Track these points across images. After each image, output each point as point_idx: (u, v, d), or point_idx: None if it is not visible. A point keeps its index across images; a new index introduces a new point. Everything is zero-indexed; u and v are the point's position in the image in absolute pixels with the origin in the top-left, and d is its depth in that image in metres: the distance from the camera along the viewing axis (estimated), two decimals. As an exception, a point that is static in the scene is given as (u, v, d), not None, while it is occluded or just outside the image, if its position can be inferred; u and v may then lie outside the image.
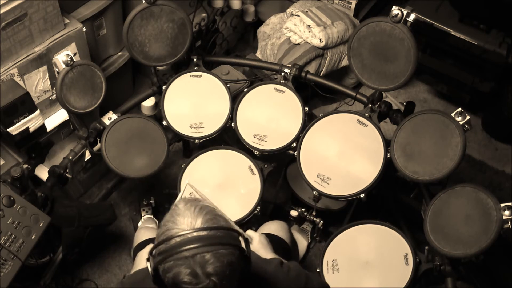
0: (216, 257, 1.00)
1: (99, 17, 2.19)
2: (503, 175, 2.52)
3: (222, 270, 1.01)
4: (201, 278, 1.00)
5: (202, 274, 1.00)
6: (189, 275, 1.00)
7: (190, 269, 0.99)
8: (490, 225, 1.50)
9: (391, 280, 1.68)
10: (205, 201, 1.11)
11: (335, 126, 1.90)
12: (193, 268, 0.99)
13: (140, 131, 1.94)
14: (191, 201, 1.09)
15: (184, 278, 1.00)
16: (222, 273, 1.01)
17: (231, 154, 1.97)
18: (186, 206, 1.07)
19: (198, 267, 0.99)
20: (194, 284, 1.00)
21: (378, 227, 1.76)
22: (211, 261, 1.00)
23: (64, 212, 1.86)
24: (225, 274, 1.01)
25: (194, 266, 0.99)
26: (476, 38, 2.34)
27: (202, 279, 1.00)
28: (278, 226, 1.87)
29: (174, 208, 1.08)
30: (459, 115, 1.62)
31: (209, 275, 1.00)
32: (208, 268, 1.00)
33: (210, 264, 1.00)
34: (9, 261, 1.53)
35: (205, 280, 1.00)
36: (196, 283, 1.00)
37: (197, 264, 0.99)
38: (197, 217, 1.04)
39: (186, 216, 1.04)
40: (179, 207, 1.07)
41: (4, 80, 1.80)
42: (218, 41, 2.74)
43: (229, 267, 1.02)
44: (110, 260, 2.21)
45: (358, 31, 1.77)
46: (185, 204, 1.07)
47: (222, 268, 1.01)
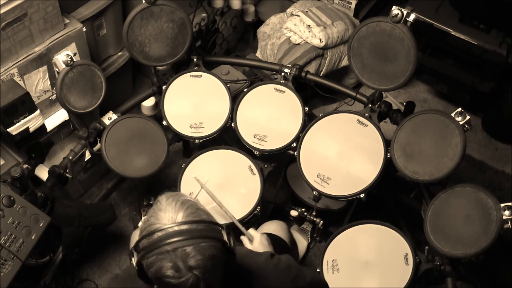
0: (197, 250, 1.01)
1: (99, 17, 2.19)
2: (503, 175, 2.52)
3: (204, 263, 1.02)
4: (183, 271, 1.01)
5: (184, 267, 1.00)
6: (171, 268, 1.01)
7: (172, 263, 1.00)
8: (490, 225, 1.50)
9: (391, 280, 1.68)
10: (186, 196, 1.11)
11: (335, 126, 1.90)
12: (175, 262, 1.00)
13: (140, 131, 1.94)
14: (173, 196, 1.10)
15: (166, 272, 1.01)
16: (204, 266, 1.02)
17: (231, 154, 1.97)
18: (168, 201, 1.08)
19: (180, 261, 1.00)
20: (177, 277, 1.01)
21: (378, 227, 1.76)
22: (192, 255, 1.01)
23: (64, 212, 1.86)
24: (207, 267, 1.02)
25: (176, 260, 1.00)
26: (476, 38, 2.33)
27: (184, 272, 1.01)
28: (278, 226, 1.87)
29: (156, 203, 1.10)
30: (459, 115, 1.62)
31: (191, 269, 1.01)
32: (189, 261, 1.01)
33: (192, 258, 1.01)
34: (9, 261, 1.53)
35: (187, 274, 1.01)
36: (179, 277, 1.01)
37: (178, 258, 1.00)
38: (178, 211, 1.06)
39: (167, 211, 1.06)
40: (161, 202, 1.08)
41: (4, 80, 1.80)
42: (218, 41, 2.74)
43: (211, 260, 1.03)
44: (110, 260, 2.21)
45: (358, 31, 1.77)
46: (167, 199, 1.09)
47: (204, 261, 1.02)
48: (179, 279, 1.01)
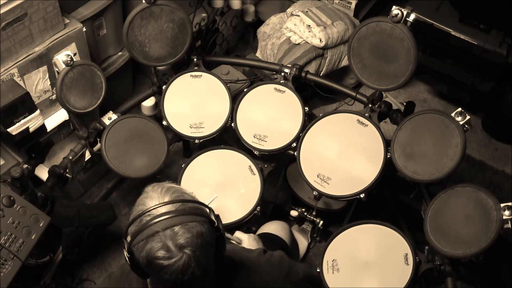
0: (186, 229, 1.01)
1: (99, 17, 2.19)
2: (503, 175, 2.52)
3: (193, 241, 1.01)
4: (174, 251, 1.00)
5: (174, 247, 1.00)
6: (161, 249, 1.00)
7: (162, 243, 1.00)
8: (490, 225, 1.50)
9: (391, 280, 1.68)
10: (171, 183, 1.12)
11: (335, 126, 1.90)
12: (164, 242, 1.00)
13: (140, 131, 1.94)
14: (158, 184, 1.11)
15: (156, 253, 1.00)
16: (194, 244, 1.01)
17: (231, 154, 1.97)
18: (153, 189, 1.09)
19: (169, 240, 1.00)
20: (167, 258, 1.00)
21: (378, 227, 1.76)
22: (180, 233, 1.01)
23: (64, 212, 1.86)
24: (197, 245, 1.02)
25: (165, 240, 1.00)
26: (476, 38, 2.34)
27: (175, 252, 1.00)
28: (278, 226, 1.87)
29: (143, 193, 1.10)
30: (459, 115, 1.62)
31: (181, 247, 1.00)
32: (179, 239, 1.00)
33: (181, 236, 1.00)
34: (9, 261, 1.53)
35: (178, 253, 1.00)
36: (169, 257, 1.00)
37: (168, 237, 1.00)
38: (164, 196, 1.06)
39: (153, 198, 1.06)
40: (147, 191, 1.09)
41: (4, 80, 1.80)
42: (218, 41, 2.74)
43: (201, 238, 1.03)
44: (110, 260, 2.21)
45: (358, 31, 1.77)
46: (152, 188, 1.09)
47: (193, 239, 1.01)
48: (170, 260, 1.00)
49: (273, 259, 1.30)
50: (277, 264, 1.29)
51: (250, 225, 1.99)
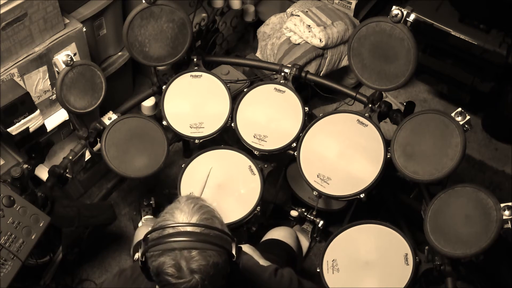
0: (203, 256, 1.02)
1: (99, 17, 2.19)
2: (503, 175, 2.52)
3: (206, 269, 1.02)
4: (184, 272, 1.01)
5: (186, 268, 1.01)
6: (173, 267, 1.01)
7: (175, 262, 1.01)
8: (490, 225, 1.50)
9: (391, 280, 1.68)
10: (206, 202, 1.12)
11: (335, 126, 1.90)
12: (178, 261, 1.01)
13: (140, 131, 1.94)
14: (193, 198, 1.11)
15: (167, 269, 1.01)
16: (206, 272, 1.02)
17: (231, 154, 1.97)
18: (187, 202, 1.09)
19: (183, 261, 1.01)
20: (176, 277, 1.01)
21: (378, 227, 1.76)
22: (196, 258, 1.01)
23: (64, 212, 1.86)
24: (208, 274, 1.02)
25: (179, 260, 1.01)
26: (476, 38, 2.34)
27: (185, 274, 1.01)
28: (287, 233, 1.87)
29: (176, 201, 1.11)
30: (459, 115, 1.62)
31: (192, 272, 1.01)
32: (192, 264, 1.01)
33: (195, 261, 1.01)
34: (9, 261, 1.53)
35: (187, 276, 1.01)
36: (178, 277, 1.01)
37: (182, 258, 1.01)
38: (194, 214, 1.06)
39: (184, 211, 1.06)
40: (180, 201, 1.09)
41: (4, 80, 1.80)
42: (218, 41, 2.74)
43: (214, 268, 1.03)
44: (110, 260, 2.21)
45: (358, 31, 1.77)
46: (186, 200, 1.10)
47: (206, 267, 1.02)
48: (178, 280, 1.01)
49: (284, 281, 1.31)
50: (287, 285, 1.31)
51: (250, 225, 1.99)
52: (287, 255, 1.77)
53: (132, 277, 1.25)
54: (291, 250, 1.81)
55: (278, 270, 1.32)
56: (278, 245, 1.81)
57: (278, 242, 1.82)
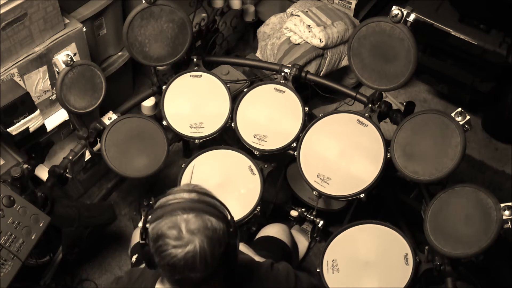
0: (201, 218, 1.04)
1: (99, 17, 2.19)
2: (503, 175, 2.52)
3: (205, 231, 1.03)
4: (184, 234, 1.02)
5: (185, 230, 1.02)
6: (172, 229, 1.02)
7: (174, 224, 1.02)
8: (490, 225, 1.50)
9: (391, 280, 1.68)
10: None
11: (335, 126, 1.90)
12: (177, 223, 1.02)
13: (140, 131, 1.94)
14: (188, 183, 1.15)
15: (167, 232, 1.02)
16: (204, 234, 1.03)
17: (231, 154, 1.97)
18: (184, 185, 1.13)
19: (182, 223, 1.02)
20: (176, 238, 1.02)
21: (378, 227, 1.76)
22: (194, 220, 1.03)
23: (64, 212, 1.86)
24: (207, 236, 1.03)
25: (179, 222, 1.02)
26: (476, 38, 2.34)
27: (184, 235, 1.02)
28: (280, 229, 1.87)
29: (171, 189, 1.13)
30: (459, 115, 1.62)
31: (192, 233, 1.02)
32: (191, 225, 1.02)
33: (194, 223, 1.03)
34: (9, 261, 1.53)
35: (187, 237, 1.02)
36: (177, 238, 1.02)
37: (182, 220, 1.03)
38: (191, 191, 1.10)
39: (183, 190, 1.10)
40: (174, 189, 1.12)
41: (4, 80, 1.80)
42: (218, 41, 2.74)
43: (212, 232, 1.04)
44: (110, 260, 2.21)
45: (358, 31, 1.77)
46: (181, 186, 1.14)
47: (205, 230, 1.03)
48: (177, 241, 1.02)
49: (280, 274, 1.31)
50: (284, 279, 1.31)
51: (250, 225, 1.99)
52: (281, 251, 1.77)
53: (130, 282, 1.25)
54: (285, 246, 1.81)
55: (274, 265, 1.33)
56: (272, 241, 1.81)
57: (272, 239, 1.82)
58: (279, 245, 1.80)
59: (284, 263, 1.36)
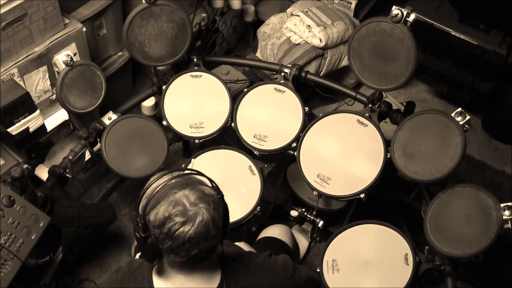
0: (196, 190, 1.07)
1: (99, 17, 2.19)
2: (503, 175, 2.52)
3: (205, 199, 1.07)
4: (188, 207, 1.04)
5: (188, 203, 1.04)
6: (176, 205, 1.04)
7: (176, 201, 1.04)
8: (490, 225, 1.50)
9: (391, 280, 1.68)
10: None
11: (335, 126, 1.90)
12: (178, 200, 1.05)
13: (140, 131, 1.94)
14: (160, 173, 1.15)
15: (172, 211, 1.04)
16: (206, 200, 1.06)
17: (231, 154, 1.97)
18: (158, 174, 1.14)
19: (183, 198, 1.05)
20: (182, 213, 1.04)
21: (378, 227, 1.76)
22: (192, 193, 1.06)
23: (64, 212, 1.86)
24: (209, 202, 1.07)
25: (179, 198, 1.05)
26: (476, 38, 2.34)
27: (189, 208, 1.04)
28: (282, 230, 1.87)
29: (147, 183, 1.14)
30: (459, 115, 1.62)
31: (195, 203, 1.05)
32: (191, 197, 1.05)
33: (192, 195, 1.06)
34: (9, 261, 1.52)
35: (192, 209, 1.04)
36: (184, 212, 1.04)
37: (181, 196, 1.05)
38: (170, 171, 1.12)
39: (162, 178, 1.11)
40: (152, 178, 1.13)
41: (4, 80, 1.80)
42: (218, 41, 2.74)
43: (211, 197, 1.08)
44: (110, 260, 2.21)
45: (358, 31, 1.77)
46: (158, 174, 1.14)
47: (205, 197, 1.07)
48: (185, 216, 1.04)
49: (278, 263, 1.32)
50: (282, 267, 1.31)
51: (250, 225, 1.99)
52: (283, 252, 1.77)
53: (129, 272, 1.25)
54: (287, 247, 1.81)
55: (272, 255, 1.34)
56: (274, 242, 1.81)
57: (273, 239, 1.82)
58: (281, 246, 1.80)
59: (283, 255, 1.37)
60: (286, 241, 1.82)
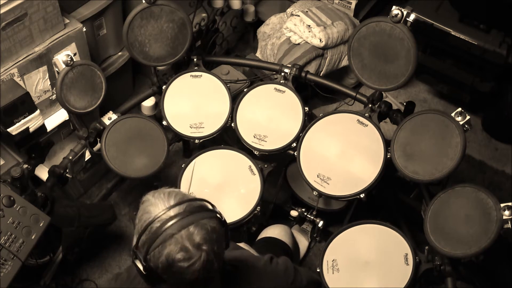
0: (200, 226, 1.02)
1: (99, 17, 2.19)
2: (503, 175, 2.52)
3: (209, 236, 1.03)
4: (192, 251, 1.01)
5: (192, 247, 1.01)
6: (180, 251, 1.01)
7: (180, 245, 1.01)
8: (490, 225, 1.50)
9: (391, 280, 1.68)
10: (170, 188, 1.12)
11: (335, 126, 1.90)
12: (182, 243, 1.01)
13: (140, 131, 1.94)
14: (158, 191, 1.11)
15: (176, 256, 1.01)
16: (210, 239, 1.03)
17: (231, 154, 1.97)
18: (155, 195, 1.09)
19: (186, 241, 1.01)
20: (187, 259, 1.01)
21: (378, 227, 1.76)
22: (196, 232, 1.01)
23: (64, 212, 1.86)
24: (213, 240, 1.03)
25: (182, 241, 1.01)
26: (476, 38, 2.34)
27: (194, 252, 1.01)
28: (282, 230, 1.87)
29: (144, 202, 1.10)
30: (459, 115, 1.62)
31: (199, 246, 1.01)
32: (196, 239, 1.01)
33: (197, 235, 1.01)
34: (9, 261, 1.53)
35: (197, 253, 1.01)
36: (189, 257, 1.01)
37: (184, 238, 1.01)
38: (169, 200, 1.06)
39: (157, 204, 1.06)
40: (149, 198, 1.09)
41: (4, 80, 1.80)
42: (218, 41, 2.74)
43: (214, 233, 1.04)
44: (110, 260, 2.21)
45: (358, 31, 1.77)
46: (153, 194, 1.09)
47: (208, 234, 1.03)
48: (189, 261, 1.01)
49: (279, 268, 1.32)
50: (283, 273, 1.31)
51: (250, 225, 1.99)
52: (283, 252, 1.77)
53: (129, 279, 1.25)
54: (287, 247, 1.81)
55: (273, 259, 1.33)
56: (274, 243, 1.81)
57: (273, 240, 1.82)
58: (281, 246, 1.80)
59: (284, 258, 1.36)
60: (286, 241, 1.82)
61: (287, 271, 1.31)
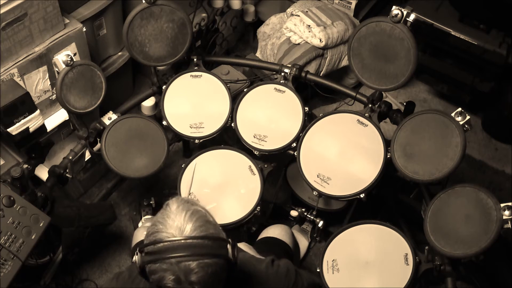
0: (201, 267, 1.01)
1: (99, 17, 2.19)
2: (503, 175, 2.52)
3: (205, 279, 1.02)
4: (184, 285, 1.01)
5: (185, 281, 1.01)
6: (173, 281, 1.01)
7: (174, 276, 1.01)
8: (490, 225, 1.50)
9: (391, 280, 1.68)
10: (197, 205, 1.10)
11: (335, 126, 1.90)
12: (177, 275, 1.01)
13: (140, 131, 1.94)
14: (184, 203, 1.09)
15: (167, 283, 1.02)
16: (204, 282, 1.02)
17: (231, 154, 1.97)
18: (178, 209, 1.07)
19: (182, 274, 1.01)
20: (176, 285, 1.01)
21: (378, 227, 1.76)
22: (195, 271, 1.01)
23: (64, 212, 1.86)
24: (207, 284, 1.03)
25: (178, 273, 1.01)
26: (476, 38, 2.34)
27: (185, 286, 1.01)
28: (282, 230, 1.87)
29: (166, 207, 1.09)
30: (459, 115, 1.62)
31: (192, 283, 1.01)
32: (192, 277, 1.01)
33: (194, 274, 1.01)
34: (9, 261, 1.53)
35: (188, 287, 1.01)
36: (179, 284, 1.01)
37: (181, 271, 1.01)
38: (187, 222, 1.05)
39: (176, 220, 1.05)
40: (171, 208, 1.07)
41: (4, 80, 1.80)
42: (218, 41, 2.74)
43: (213, 277, 1.03)
44: (110, 260, 2.21)
45: (358, 31, 1.77)
46: (177, 207, 1.07)
47: (205, 277, 1.02)
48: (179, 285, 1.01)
49: (280, 270, 1.32)
50: (285, 276, 1.31)
51: (250, 225, 1.99)
52: (283, 252, 1.77)
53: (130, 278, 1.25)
54: (288, 247, 1.81)
55: (274, 261, 1.33)
56: (274, 243, 1.81)
57: (274, 240, 1.82)
58: (281, 246, 1.80)
59: (285, 260, 1.36)
60: (286, 241, 1.82)
61: (288, 274, 1.32)
